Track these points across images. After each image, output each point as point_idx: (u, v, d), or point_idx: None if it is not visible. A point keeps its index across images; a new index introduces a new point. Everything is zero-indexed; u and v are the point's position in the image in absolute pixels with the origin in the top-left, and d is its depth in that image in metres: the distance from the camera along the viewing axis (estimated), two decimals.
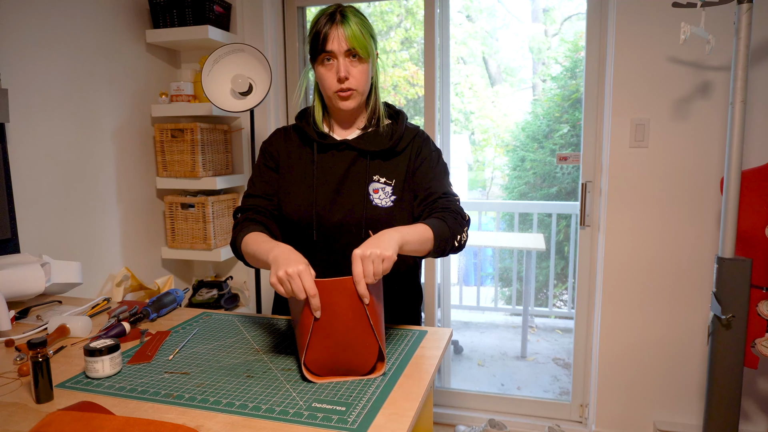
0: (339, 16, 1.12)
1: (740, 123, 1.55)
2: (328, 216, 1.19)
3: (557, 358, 3.32)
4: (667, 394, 2.06)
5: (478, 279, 4.47)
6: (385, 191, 1.20)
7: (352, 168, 1.21)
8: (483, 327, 3.90)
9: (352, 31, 1.11)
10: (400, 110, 1.28)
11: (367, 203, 1.18)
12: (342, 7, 1.14)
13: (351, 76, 1.14)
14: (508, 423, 2.30)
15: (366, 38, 1.14)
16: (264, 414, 0.82)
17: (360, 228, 1.18)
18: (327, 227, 1.20)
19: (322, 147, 1.23)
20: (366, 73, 1.16)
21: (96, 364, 0.94)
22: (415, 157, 1.23)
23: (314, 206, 1.19)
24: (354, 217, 1.18)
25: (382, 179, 1.20)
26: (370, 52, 1.15)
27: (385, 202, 1.19)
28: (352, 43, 1.12)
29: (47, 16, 1.72)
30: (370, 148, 1.20)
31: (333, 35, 1.12)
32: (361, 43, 1.12)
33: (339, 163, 1.21)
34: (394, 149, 1.22)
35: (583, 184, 2.14)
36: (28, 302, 1.43)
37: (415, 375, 0.95)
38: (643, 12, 1.90)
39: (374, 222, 1.18)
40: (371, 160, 1.21)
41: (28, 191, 1.67)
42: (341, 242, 1.20)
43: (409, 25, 6.18)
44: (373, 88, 1.23)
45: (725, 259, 1.60)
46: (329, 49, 1.12)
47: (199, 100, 2.20)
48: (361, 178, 1.20)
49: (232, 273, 2.45)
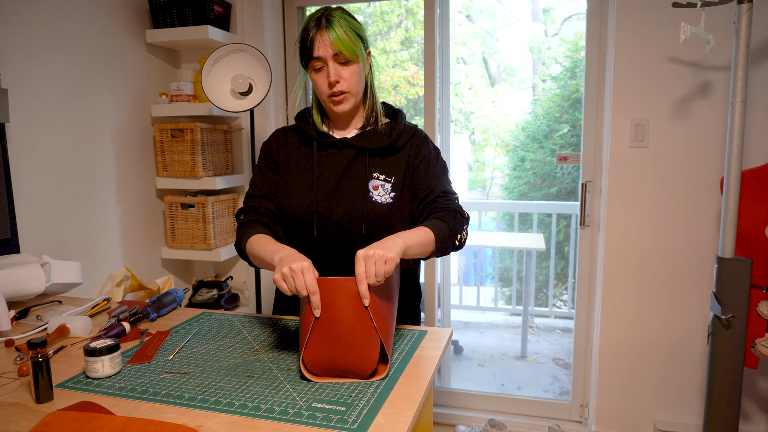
0: (324, 21, 1.13)
1: (740, 123, 1.55)
2: (328, 213, 1.20)
3: (557, 358, 3.32)
4: (667, 394, 2.06)
5: (478, 279, 4.47)
6: (384, 188, 1.21)
7: (352, 165, 1.22)
8: (483, 327, 3.90)
9: (337, 35, 1.12)
10: (398, 109, 1.28)
11: (367, 199, 1.19)
12: (328, 11, 1.15)
13: (342, 79, 1.15)
14: (508, 423, 2.30)
15: (353, 39, 1.14)
16: (264, 414, 0.82)
17: (360, 224, 1.19)
18: (327, 224, 1.20)
19: (322, 145, 1.24)
20: (357, 74, 1.17)
21: (96, 364, 0.94)
22: (414, 155, 1.24)
23: (314, 204, 1.20)
24: (354, 214, 1.19)
25: (382, 176, 1.21)
26: (358, 53, 1.15)
27: (384, 199, 1.20)
28: (338, 47, 1.12)
29: (47, 16, 1.72)
30: (370, 145, 1.21)
31: (319, 41, 1.13)
32: (348, 46, 1.13)
33: (339, 160, 1.22)
34: (393, 146, 1.22)
35: (583, 184, 2.14)
36: (28, 302, 1.43)
37: (415, 375, 0.95)
38: (643, 12, 1.90)
39: (374, 218, 1.18)
40: (371, 157, 1.22)
41: (28, 191, 1.67)
42: (341, 239, 1.20)
43: (410, 25, 6.18)
44: (368, 87, 1.23)
45: (725, 259, 1.60)
46: (317, 54, 1.14)
47: (199, 100, 2.20)
48: (361, 175, 1.21)
49: (232, 273, 2.45)
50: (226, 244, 2.27)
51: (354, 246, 1.17)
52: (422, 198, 1.21)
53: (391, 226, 1.20)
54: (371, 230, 1.19)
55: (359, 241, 1.19)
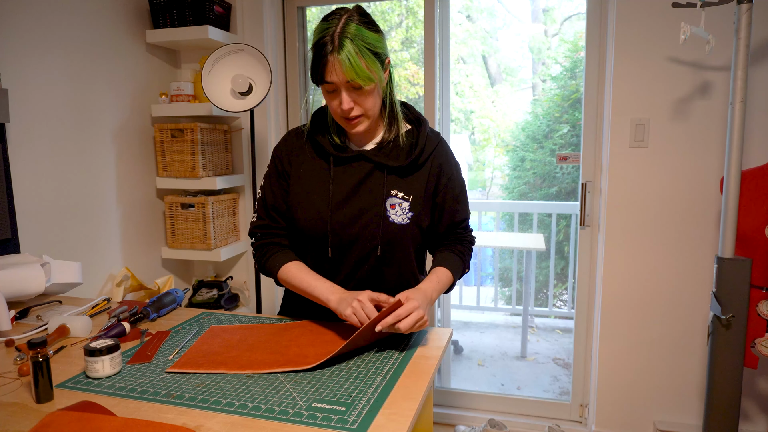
0: (337, 43, 1.02)
1: (740, 123, 1.55)
2: (343, 230, 1.17)
3: (557, 358, 3.32)
4: (667, 394, 2.07)
5: (478, 279, 4.46)
6: (402, 207, 1.17)
7: (368, 181, 1.17)
8: (483, 327, 3.90)
9: (350, 63, 1.01)
10: (420, 116, 1.22)
11: (383, 219, 1.16)
12: (343, 26, 1.03)
13: (356, 104, 1.09)
14: (508, 423, 2.30)
15: (368, 63, 1.04)
16: (264, 414, 0.82)
17: (376, 245, 1.17)
18: (342, 242, 1.18)
19: (339, 160, 1.19)
20: (373, 97, 1.10)
21: (96, 364, 0.94)
22: (437, 175, 1.20)
23: (330, 221, 1.17)
24: (370, 234, 1.16)
25: (400, 194, 1.17)
26: (373, 76, 1.05)
27: (402, 219, 1.17)
28: (350, 76, 1.03)
29: (47, 16, 1.72)
30: (389, 162, 1.16)
31: (331, 66, 1.03)
32: (362, 74, 1.03)
33: (355, 175, 1.17)
34: (413, 164, 1.18)
35: (583, 184, 2.14)
36: (28, 302, 1.43)
37: (415, 375, 0.95)
38: (643, 12, 1.90)
39: (389, 239, 1.17)
40: (389, 174, 1.18)
41: (28, 191, 1.67)
42: (355, 256, 1.19)
43: (411, 24, 6.18)
44: (388, 98, 1.18)
45: (725, 259, 1.60)
46: (328, 80, 1.05)
47: (199, 100, 2.20)
48: (378, 193, 1.16)
49: (232, 273, 2.45)
50: (226, 244, 2.27)
51: (367, 263, 1.19)
52: (446, 224, 1.25)
53: (405, 245, 1.20)
54: (386, 250, 1.18)
55: (372, 260, 1.18)
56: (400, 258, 1.20)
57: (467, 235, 1.29)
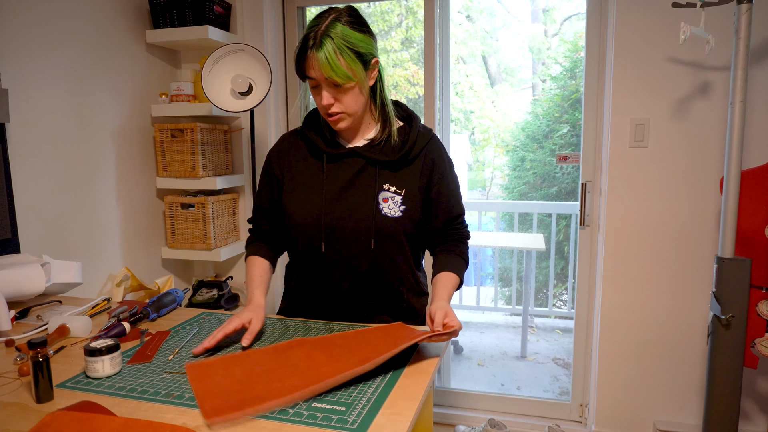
0: (317, 40, 1.05)
1: (740, 123, 1.55)
2: (337, 225, 1.18)
3: (557, 358, 3.32)
4: (667, 394, 2.07)
5: (478, 279, 4.46)
6: (394, 200, 1.19)
7: (361, 175, 1.20)
8: (483, 327, 3.90)
9: (328, 61, 1.05)
10: (412, 113, 1.25)
11: (376, 213, 1.17)
12: (327, 25, 1.06)
13: (337, 101, 1.12)
14: (508, 423, 2.30)
15: (347, 62, 1.06)
16: (264, 414, 0.82)
17: (370, 239, 1.18)
18: (335, 237, 1.19)
19: (332, 157, 1.22)
20: (354, 95, 1.12)
21: (96, 364, 0.94)
22: (429, 170, 1.22)
23: (323, 216, 1.18)
24: (363, 228, 1.17)
25: (392, 188, 1.19)
26: (352, 74, 1.08)
27: (394, 212, 1.18)
28: (327, 73, 1.06)
29: (47, 16, 1.72)
30: (380, 157, 1.19)
31: (310, 62, 1.07)
32: (340, 72, 1.06)
33: (348, 171, 1.20)
34: (405, 158, 1.20)
35: (583, 184, 2.14)
36: (28, 302, 1.43)
37: (415, 375, 0.95)
38: (643, 12, 1.90)
39: (383, 232, 1.18)
40: (381, 169, 1.20)
41: (28, 191, 1.67)
42: (349, 251, 1.19)
43: (410, 24, 6.18)
44: (377, 96, 1.20)
45: (725, 259, 1.60)
46: (310, 75, 1.09)
47: (199, 100, 2.20)
48: (371, 187, 1.19)
49: (232, 273, 2.45)
50: (226, 244, 2.27)
51: (362, 257, 1.19)
52: (443, 220, 1.25)
53: (398, 239, 1.20)
54: (380, 244, 1.18)
55: (367, 254, 1.19)
56: (395, 251, 1.21)
57: (464, 231, 1.30)
